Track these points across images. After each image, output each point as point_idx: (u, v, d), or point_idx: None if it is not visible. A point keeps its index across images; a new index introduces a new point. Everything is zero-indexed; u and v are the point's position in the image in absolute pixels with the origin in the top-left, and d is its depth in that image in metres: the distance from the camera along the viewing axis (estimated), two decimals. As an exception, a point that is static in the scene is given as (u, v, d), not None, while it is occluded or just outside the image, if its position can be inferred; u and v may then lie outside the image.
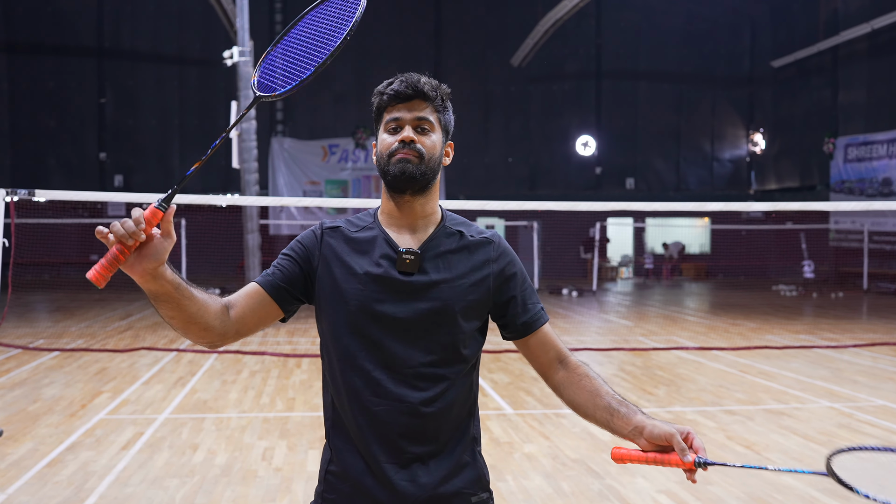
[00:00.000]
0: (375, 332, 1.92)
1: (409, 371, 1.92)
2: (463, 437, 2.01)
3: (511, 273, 2.06)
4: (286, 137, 25.98)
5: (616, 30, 27.46)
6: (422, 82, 1.98)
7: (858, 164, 23.14)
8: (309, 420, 7.06)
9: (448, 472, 1.95)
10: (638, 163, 27.84)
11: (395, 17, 26.41)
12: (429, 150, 1.97)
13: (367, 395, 1.92)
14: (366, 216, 2.08)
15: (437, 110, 2.01)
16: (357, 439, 1.94)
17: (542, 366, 2.11)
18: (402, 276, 1.94)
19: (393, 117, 1.98)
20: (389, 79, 2.02)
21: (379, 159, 2.00)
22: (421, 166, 1.95)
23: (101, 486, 5.22)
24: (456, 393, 1.97)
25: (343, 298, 1.95)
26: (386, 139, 1.99)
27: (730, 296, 20.67)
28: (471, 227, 2.08)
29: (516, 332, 2.07)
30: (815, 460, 5.84)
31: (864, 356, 10.84)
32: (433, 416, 1.93)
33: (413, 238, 2.01)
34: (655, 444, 1.88)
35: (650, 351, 11.16)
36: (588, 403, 2.01)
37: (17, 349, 10.82)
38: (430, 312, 1.94)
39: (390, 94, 1.98)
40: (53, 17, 25.09)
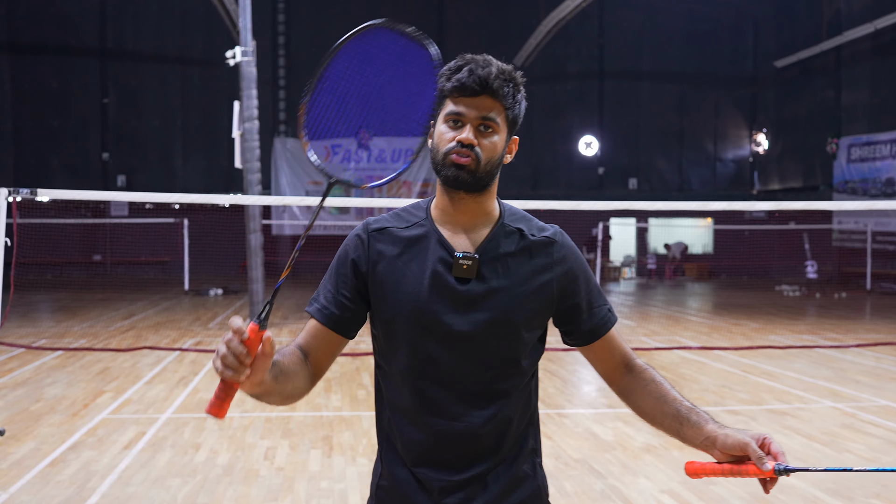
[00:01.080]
0: (431, 347, 1.78)
1: (466, 388, 1.79)
2: (522, 449, 1.88)
3: (575, 276, 1.90)
4: (289, 138, 25.98)
5: (618, 30, 27.43)
6: (492, 77, 1.78)
7: (862, 164, 23.10)
8: (311, 420, 7.06)
9: (506, 487, 1.83)
10: (640, 163, 27.80)
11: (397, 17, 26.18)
12: (488, 153, 1.79)
13: (422, 414, 1.80)
14: (416, 210, 1.91)
15: (505, 108, 1.81)
16: (410, 457, 1.82)
17: (608, 371, 1.98)
18: (458, 282, 1.79)
19: (454, 111, 1.80)
20: (459, 60, 1.84)
21: (434, 151, 1.84)
22: (476, 172, 1.78)
23: (103, 486, 5.22)
24: (514, 406, 1.85)
25: (396, 309, 1.80)
26: (444, 133, 1.82)
27: (733, 296, 20.64)
28: (531, 224, 1.92)
29: (581, 339, 1.94)
30: (819, 460, 5.83)
31: (867, 356, 10.82)
32: (491, 433, 1.80)
33: (469, 238, 1.84)
34: (730, 454, 1.73)
35: (653, 351, 11.15)
36: (655, 410, 1.89)
37: (19, 349, 10.83)
38: (488, 324, 1.79)
39: (455, 85, 1.79)
40: (56, 17, 25.10)
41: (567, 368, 9.75)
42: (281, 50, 26.17)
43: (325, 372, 1.88)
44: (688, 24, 27.50)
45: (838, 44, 23.85)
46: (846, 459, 5.85)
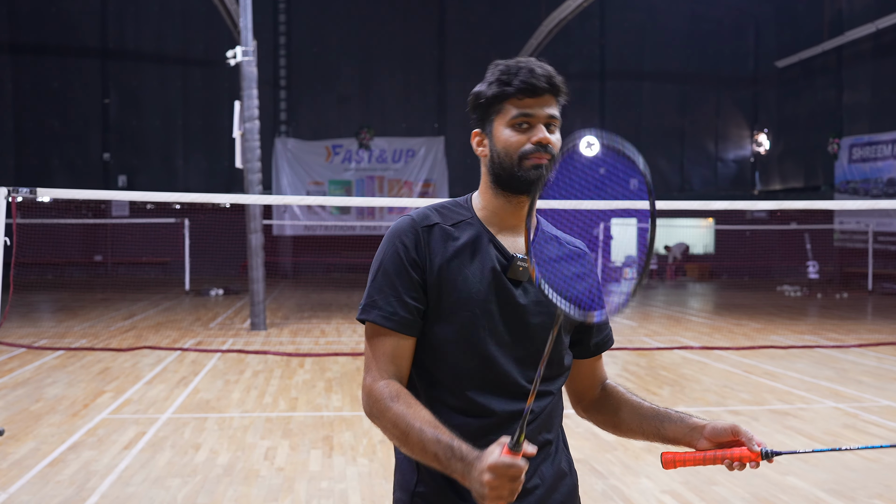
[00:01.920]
0: (490, 348, 1.77)
1: (518, 389, 1.78)
2: (558, 446, 1.91)
3: None
4: (290, 138, 25.97)
5: (620, 30, 27.42)
6: (553, 75, 1.79)
7: (863, 164, 23.08)
8: (311, 420, 7.04)
9: (551, 484, 1.85)
10: (641, 163, 27.76)
11: (399, 18, 26.40)
12: (556, 150, 1.80)
13: (473, 414, 1.77)
14: (459, 208, 1.87)
15: (559, 105, 1.84)
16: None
17: (586, 388, 2.03)
18: (513, 284, 1.79)
19: (523, 112, 1.77)
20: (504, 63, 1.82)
21: (501, 158, 1.79)
22: (551, 171, 1.74)
23: (102, 486, 5.21)
24: (557, 406, 1.89)
25: (454, 311, 1.77)
26: (513, 137, 1.78)
27: (734, 296, 20.62)
28: (560, 232, 1.95)
29: (586, 352, 1.97)
30: (821, 461, 5.81)
31: (868, 356, 10.80)
32: (538, 430, 1.82)
33: (515, 241, 1.84)
34: (717, 441, 1.80)
35: (654, 351, 11.13)
36: (633, 416, 1.94)
37: (20, 348, 10.82)
38: (541, 328, 1.79)
39: (520, 87, 1.76)
40: (57, 17, 25.10)
41: (568, 368, 9.73)
42: (282, 50, 26.16)
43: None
44: (689, 24, 27.48)
45: (839, 44, 23.83)
46: (848, 459, 5.83)
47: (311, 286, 22.01)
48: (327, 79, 26.43)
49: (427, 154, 25.97)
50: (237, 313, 15.68)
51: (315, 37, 26.33)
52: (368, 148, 25.95)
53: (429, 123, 26.67)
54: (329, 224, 25.25)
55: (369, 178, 26.00)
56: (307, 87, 26.42)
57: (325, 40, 26.33)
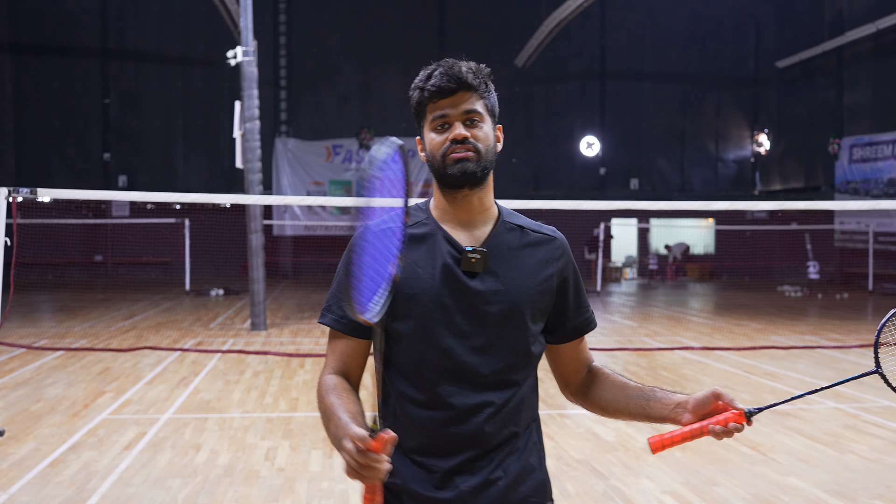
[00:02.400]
0: (444, 340, 1.81)
1: (481, 380, 1.82)
2: (528, 440, 1.92)
3: (570, 274, 1.97)
4: (290, 138, 25.97)
5: (620, 30, 27.41)
6: (464, 72, 1.83)
7: (863, 164, 23.07)
8: (312, 420, 7.04)
9: (517, 477, 1.86)
10: (642, 163, 27.79)
11: (399, 18, 26.40)
12: (483, 142, 1.84)
13: (435, 406, 1.82)
14: (416, 210, 1.95)
15: (482, 97, 1.87)
16: (421, 449, 1.84)
17: (571, 372, 2.05)
18: (467, 276, 1.83)
19: (439, 114, 1.84)
20: (425, 71, 1.88)
21: (430, 160, 1.87)
22: (481, 162, 1.83)
23: (103, 486, 5.21)
24: (524, 396, 1.89)
25: (408, 306, 1.82)
26: (435, 139, 1.85)
27: (734, 296, 20.62)
28: (528, 221, 1.97)
29: (564, 335, 1.99)
30: (822, 461, 5.81)
31: (869, 357, 10.78)
32: (502, 424, 1.84)
33: (472, 235, 1.88)
34: (702, 412, 1.84)
35: (654, 351, 11.13)
36: (619, 396, 1.96)
37: (20, 349, 10.82)
38: (500, 316, 1.83)
39: (432, 90, 1.83)
40: (58, 17, 25.11)
41: (568, 369, 9.72)
42: (282, 50, 26.17)
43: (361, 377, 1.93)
44: (689, 24, 27.48)
45: (840, 44, 23.83)
46: (849, 460, 5.83)
47: (312, 286, 22.01)
48: (328, 79, 26.43)
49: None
50: (237, 313, 15.68)
51: (315, 37, 26.33)
52: (369, 148, 25.93)
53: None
54: (329, 224, 25.25)
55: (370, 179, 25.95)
56: (308, 88, 26.42)
57: (326, 40, 26.34)
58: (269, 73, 24.72)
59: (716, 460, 5.82)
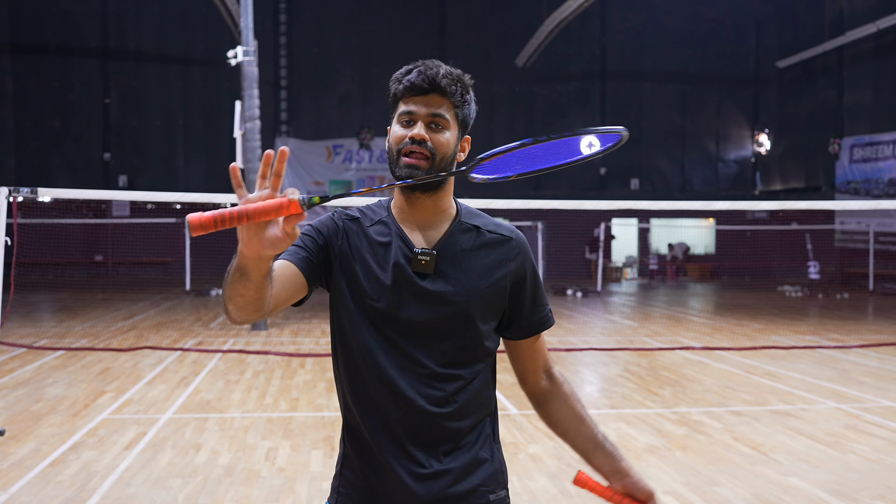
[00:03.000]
0: (392, 335, 1.85)
1: (424, 372, 1.86)
2: (480, 434, 1.95)
3: (525, 273, 1.98)
4: (290, 138, 25.98)
5: (621, 30, 27.41)
6: (440, 76, 1.87)
7: (864, 164, 23.07)
8: (312, 420, 7.04)
9: (464, 469, 1.89)
10: (642, 163, 27.78)
11: (400, 18, 26.40)
12: (441, 148, 1.86)
13: (381, 396, 1.86)
14: (378, 208, 1.98)
15: (455, 105, 1.89)
16: (370, 439, 1.88)
17: (529, 371, 2.07)
18: (418, 277, 1.86)
19: (407, 110, 1.87)
20: (409, 65, 1.92)
21: (388, 153, 1.91)
22: (431, 170, 1.85)
23: (103, 487, 5.20)
24: (472, 392, 1.91)
25: (360, 295, 1.87)
26: (397, 132, 1.87)
27: (735, 296, 20.61)
28: (487, 222, 1.99)
29: (520, 332, 2.01)
30: (823, 461, 5.80)
31: (870, 357, 10.79)
32: (448, 416, 1.87)
33: (426, 235, 1.91)
34: (629, 493, 1.94)
35: (655, 351, 11.12)
36: (571, 426, 2.02)
37: (20, 348, 10.81)
38: (447, 316, 1.86)
39: (406, 86, 1.87)
40: (58, 17, 25.11)
41: (569, 369, 9.73)
42: (282, 50, 26.17)
43: (277, 310, 1.81)
44: (690, 24, 27.48)
45: (840, 44, 23.83)
46: (850, 460, 5.82)
47: (312, 286, 21.98)
48: (328, 79, 26.43)
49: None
50: (238, 313, 15.66)
51: (316, 37, 26.33)
52: (369, 148, 25.95)
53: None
54: (329, 224, 25.23)
55: (370, 178, 26.01)
56: (308, 87, 26.42)
57: (326, 40, 26.34)
58: (269, 72, 24.72)
59: (717, 460, 5.82)
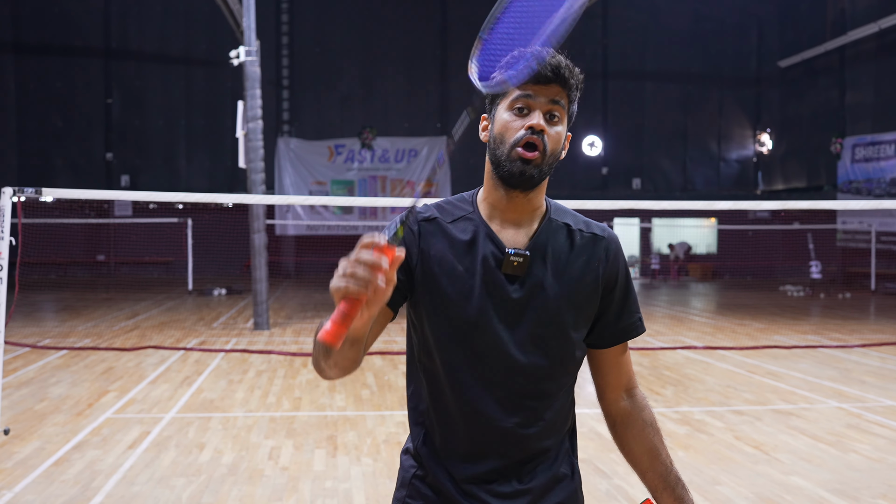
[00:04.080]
0: (480, 344, 1.71)
1: (513, 388, 1.74)
2: (561, 449, 1.85)
3: (618, 274, 1.84)
4: (292, 137, 25.99)
5: (622, 30, 27.41)
6: (562, 66, 1.75)
7: (866, 164, 23.06)
8: (315, 420, 7.05)
9: (545, 486, 1.79)
10: (644, 163, 27.79)
11: (401, 18, 26.40)
12: (553, 143, 1.73)
13: (466, 410, 1.74)
14: (462, 202, 1.82)
15: (570, 99, 1.78)
16: (449, 452, 1.77)
17: (609, 386, 1.92)
18: (508, 279, 1.72)
19: (524, 94, 1.71)
20: (518, 49, 1.68)
21: (496, 142, 1.73)
22: (542, 166, 1.71)
23: (107, 485, 5.22)
24: (559, 407, 1.81)
25: (444, 304, 1.72)
26: (510, 121, 1.72)
27: (737, 296, 20.61)
28: (577, 220, 1.85)
29: (607, 339, 1.86)
30: (825, 461, 5.81)
31: (872, 357, 10.79)
32: (535, 436, 1.77)
33: (518, 233, 1.77)
34: None
35: (657, 351, 11.13)
36: (643, 459, 1.91)
37: (24, 348, 10.84)
38: (539, 323, 1.73)
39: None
40: (60, 17, 25.14)
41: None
42: (284, 50, 26.19)
43: (368, 348, 1.74)
44: (692, 23, 27.47)
45: (842, 44, 23.82)
46: (852, 459, 5.83)
47: (314, 286, 22.03)
48: (330, 79, 26.44)
49: (429, 154, 25.98)
50: (240, 313, 15.70)
51: (318, 37, 26.35)
52: (371, 148, 25.96)
53: (431, 123, 26.67)
54: (332, 224, 25.27)
55: (372, 178, 26.02)
56: (310, 87, 26.44)
57: (328, 40, 26.35)
58: (271, 72, 24.74)
59: (719, 460, 5.83)
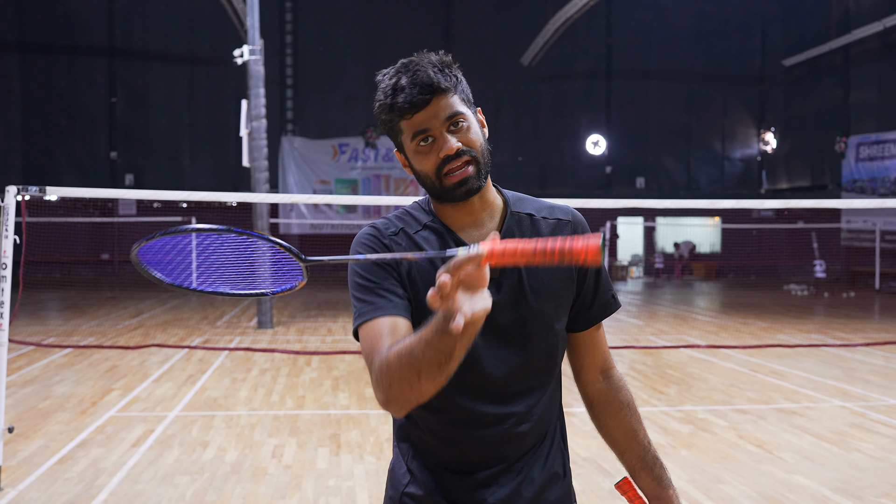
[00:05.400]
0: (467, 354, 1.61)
1: (500, 388, 1.71)
2: (553, 442, 1.83)
3: None
4: (296, 136, 26.02)
5: (626, 28, 27.39)
6: (432, 76, 1.62)
7: (870, 163, 23.02)
8: (318, 418, 7.06)
9: (542, 486, 1.78)
10: (648, 162, 27.77)
11: (405, 17, 26.40)
12: (475, 144, 1.65)
13: (457, 414, 1.71)
14: (418, 212, 1.77)
15: (458, 93, 1.67)
16: (443, 463, 1.75)
17: (585, 368, 1.88)
18: None
19: (419, 130, 1.63)
20: (385, 79, 1.66)
21: (425, 181, 1.68)
22: (480, 170, 1.66)
23: (111, 483, 5.23)
24: (548, 401, 1.78)
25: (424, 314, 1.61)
26: (425, 161, 1.66)
27: (740, 295, 20.58)
28: (540, 206, 1.80)
29: (585, 321, 1.82)
30: (828, 460, 5.81)
31: (875, 355, 10.77)
32: (526, 433, 1.74)
33: (480, 234, 1.71)
34: None
35: (660, 350, 11.13)
36: (621, 440, 1.88)
37: (28, 346, 10.86)
38: (522, 322, 1.70)
39: (402, 108, 1.62)
40: (65, 16, 25.19)
41: (574, 367, 9.73)
42: (288, 49, 26.21)
43: None
44: (696, 22, 27.44)
45: (847, 42, 23.78)
46: (855, 458, 5.82)
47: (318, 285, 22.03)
48: (334, 77, 26.46)
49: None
50: (244, 312, 15.72)
51: (321, 35, 26.37)
52: (375, 147, 25.97)
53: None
54: (335, 223, 25.29)
55: (375, 177, 26.03)
56: (314, 86, 26.46)
57: (332, 39, 26.37)
58: (275, 71, 24.76)
59: (722, 458, 5.83)
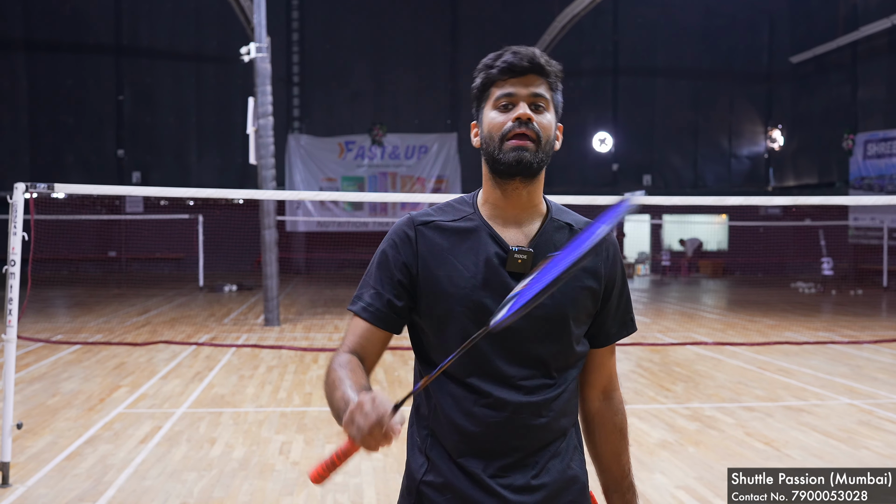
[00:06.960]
0: (483, 343, 1.71)
1: (521, 383, 1.76)
2: (570, 443, 1.87)
3: (617, 275, 1.88)
4: (303, 134, 26.03)
5: (633, 26, 27.33)
6: (537, 55, 1.77)
7: (878, 160, 22.94)
8: (326, 415, 7.07)
9: (559, 485, 1.83)
10: (655, 160, 27.71)
11: (412, 14, 26.39)
12: (545, 130, 1.77)
13: (473, 408, 1.76)
14: (462, 204, 1.86)
15: (551, 88, 1.80)
16: (461, 451, 1.78)
17: (588, 384, 1.95)
18: (512, 277, 1.74)
19: (505, 92, 1.76)
20: (495, 52, 1.81)
21: (486, 142, 1.79)
22: (538, 153, 1.76)
23: (119, 479, 5.25)
24: (565, 400, 1.83)
25: (448, 304, 1.76)
26: (496, 118, 1.77)
27: (748, 293, 20.54)
28: (578, 219, 1.88)
29: (598, 340, 1.91)
30: (836, 457, 5.80)
31: (883, 353, 10.75)
32: (543, 427, 1.79)
33: (520, 232, 1.81)
34: None
35: (668, 347, 11.12)
36: (604, 459, 2.00)
37: (36, 343, 10.90)
38: (542, 320, 1.76)
39: (502, 67, 1.76)
40: (71, 15, 25.24)
41: (581, 365, 9.72)
42: (295, 46, 26.22)
43: (375, 368, 1.86)
44: (703, 19, 27.36)
45: (854, 39, 23.68)
46: (863, 456, 5.81)
47: (324, 282, 22.06)
48: (340, 75, 26.46)
49: (440, 150, 25.98)
50: (251, 309, 15.74)
51: (328, 33, 26.37)
52: (381, 144, 25.98)
53: (441, 120, 26.68)
54: (342, 220, 25.30)
55: (382, 175, 26.04)
56: (320, 84, 26.47)
57: (338, 37, 26.37)
58: (281, 69, 24.77)
59: (730, 455, 5.82)
